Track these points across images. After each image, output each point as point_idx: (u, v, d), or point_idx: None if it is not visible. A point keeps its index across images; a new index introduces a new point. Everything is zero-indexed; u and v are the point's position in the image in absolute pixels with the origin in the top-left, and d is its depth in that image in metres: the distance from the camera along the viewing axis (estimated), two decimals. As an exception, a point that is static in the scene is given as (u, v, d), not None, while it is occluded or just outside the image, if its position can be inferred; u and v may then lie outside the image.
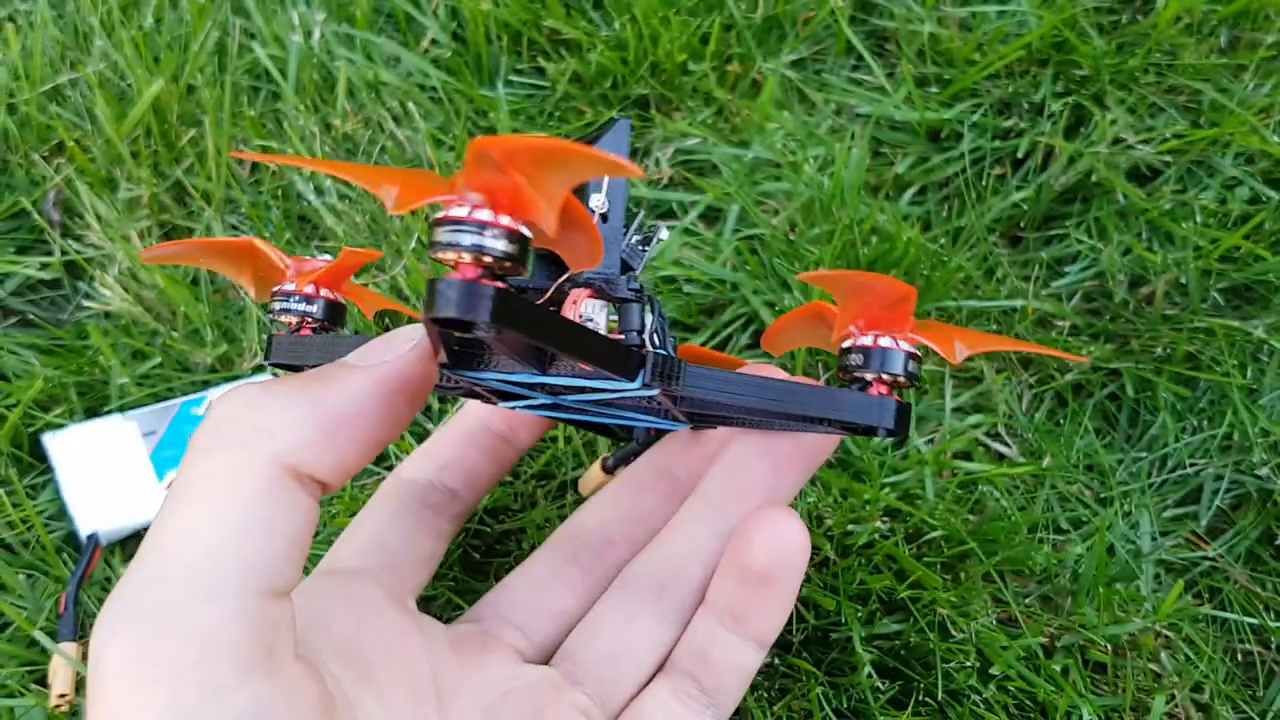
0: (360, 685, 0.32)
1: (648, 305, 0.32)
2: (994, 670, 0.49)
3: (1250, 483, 0.57)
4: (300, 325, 0.35)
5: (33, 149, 0.67)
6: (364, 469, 0.39)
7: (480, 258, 0.24)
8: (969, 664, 0.49)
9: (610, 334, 0.32)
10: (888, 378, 0.31)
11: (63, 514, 0.55)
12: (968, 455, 0.57)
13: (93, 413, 0.58)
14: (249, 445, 0.28)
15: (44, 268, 0.64)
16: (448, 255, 0.24)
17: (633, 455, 0.44)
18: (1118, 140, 0.66)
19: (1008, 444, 0.58)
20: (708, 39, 0.69)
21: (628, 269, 0.35)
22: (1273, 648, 0.54)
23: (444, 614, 0.49)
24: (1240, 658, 0.53)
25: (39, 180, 0.67)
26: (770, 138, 0.66)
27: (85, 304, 0.63)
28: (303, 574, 0.30)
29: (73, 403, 0.58)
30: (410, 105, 0.66)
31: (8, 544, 0.54)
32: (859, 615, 0.50)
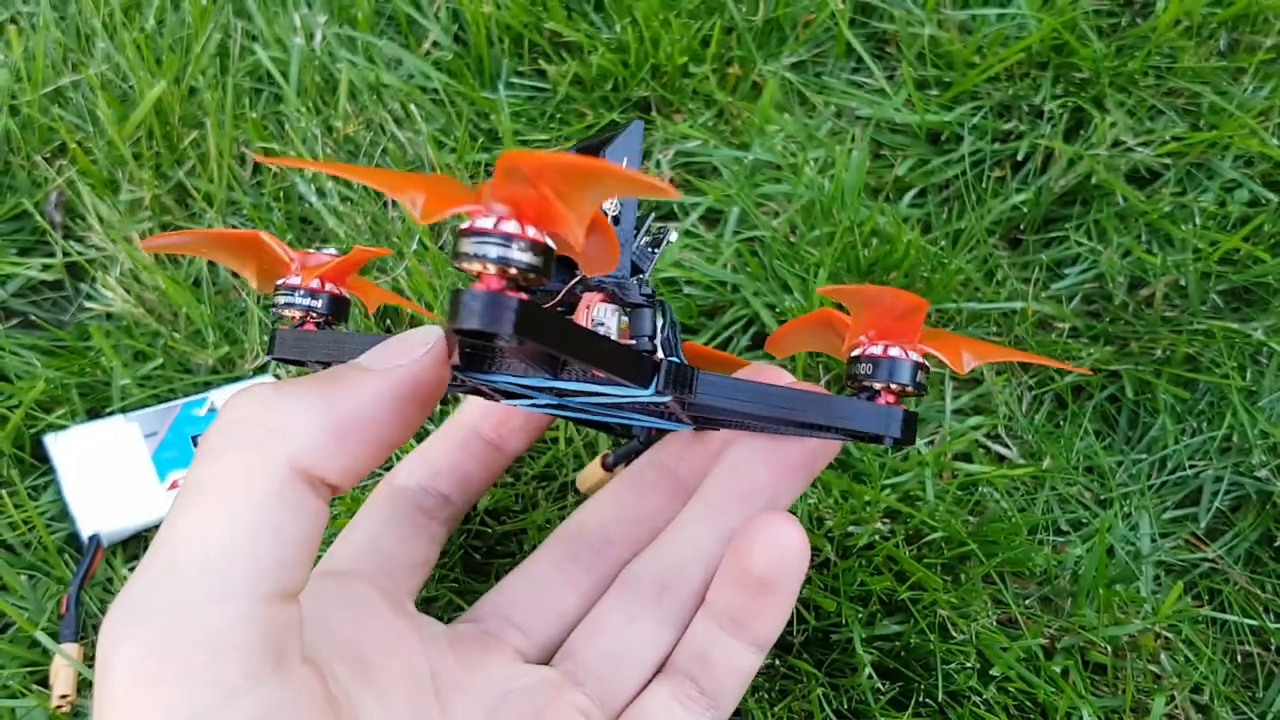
0: (360, 685, 0.32)
1: (658, 309, 0.33)
2: (994, 671, 0.49)
3: (1250, 484, 0.58)
4: (304, 320, 0.35)
5: (35, 150, 0.67)
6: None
7: (505, 269, 0.24)
8: (969, 665, 0.49)
9: (622, 337, 0.33)
10: (896, 387, 0.31)
11: (64, 515, 0.55)
12: (968, 457, 0.57)
13: (94, 414, 0.58)
14: (262, 446, 0.27)
15: (46, 269, 0.65)
16: (473, 266, 0.24)
17: (633, 454, 0.44)
18: (1117, 143, 0.67)
19: (1008, 446, 0.59)
20: (708, 41, 0.69)
21: (637, 271, 0.35)
22: (1272, 649, 0.54)
23: (445, 615, 0.49)
24: (1240, 659, 0.54)
25: (41, 182, 0.67)
26: (771, 140, 0.66)
27: (87, 305, 0.63)
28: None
29: (74, 404, 0.58)
30: (412, 107, 0.66)
31: (9, 545, 0.54)
32: (859, 616, 0.50)
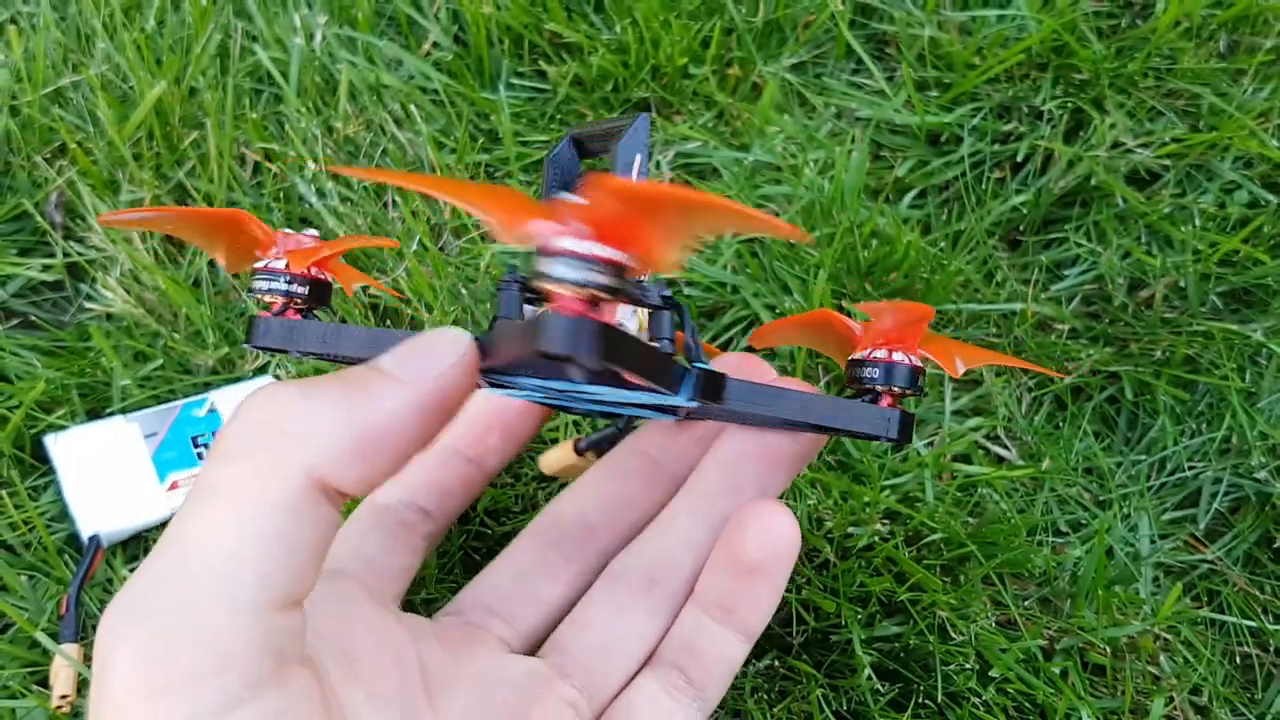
0: (349, 680, 0.32)
1: (675, 311, 0.32)
2: (993, 672, 0.49)
3: (1249, 486, 0.58)
4: (286, 307, 0.33)
5: (35, 151, 0.67)
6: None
7: (588, 291, 0.23)
8: (968, 666, 0.49)
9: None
10: (896, 390, 0.33)
11: (64, 515, 0.55)
12: (967, 458, 0.57)
13: (94, 414, 0.59)
14: (279, 451, 0.27)
15: (46, 269, 0.65)
16: (556, 287, 0.23)
17: (609, 440, 0.43)
18: (1117, 144, 0.67)
19: (1007, 447, 0.59)
20: (708, 43, 0.69)
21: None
22: (1271, 650, 0.54)
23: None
24: (1239, 660, 0.54)
25: (41, 182, 0.67)
26: (770, 141, 0.66)
27: (87, 306, 0.63)
28: None
29: (74, 404, 0.58)
30: (412, 108, 0.67)
31: (9, 545, 0.54)
32: (859, 618, 0.50)
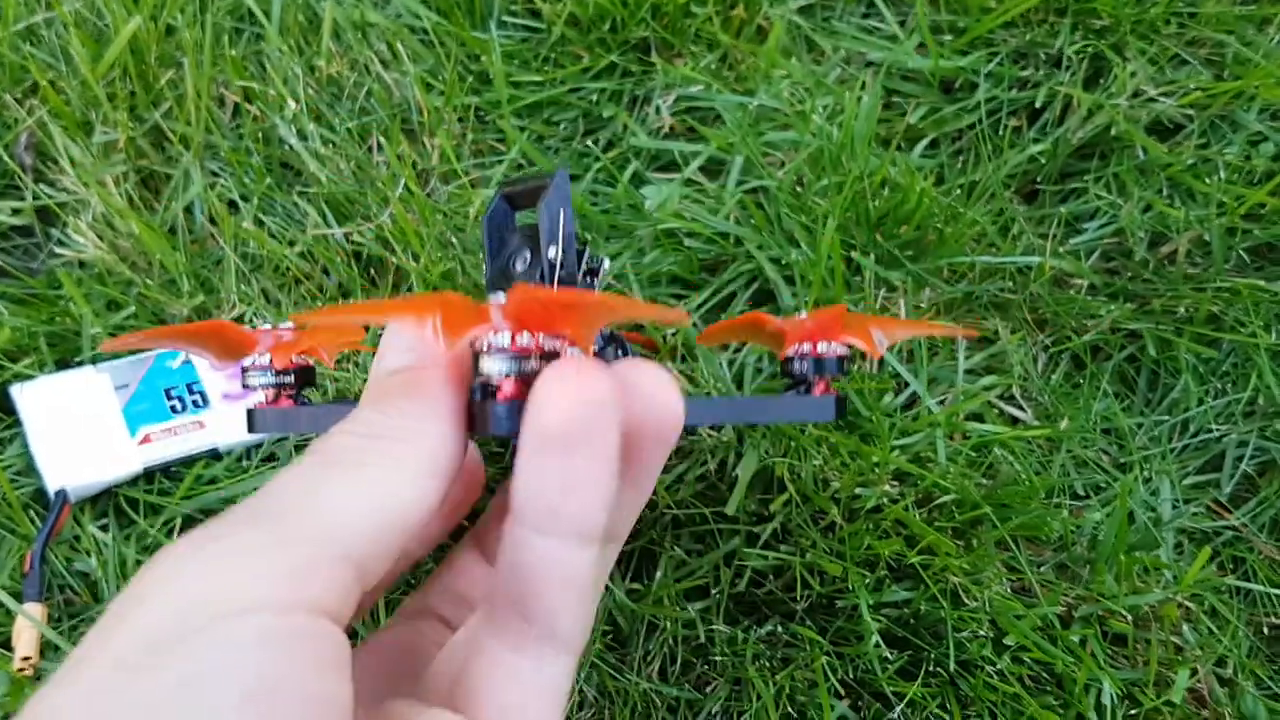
0: None
1: (617, 346, 0.36)
2: (1008, 640, 0.47)
3: (1275, 449, 0.55)
4: (278, 396, 0.37)
5: (5, 90, 0.64)
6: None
7: (524, 378, 0.27)
8: (982, 634, 0.47)
9: None
10: (828, 377, 0.36)
11: (30, 469, 0.52)
12: (980, 418, 0.55)
13: (64, 364, 0.56)
14: None
15: (15, 213, 0.61)
16: (494, 380, 0.28)
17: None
18: (1138, 93, 0.64)
19: (1022, 407, 0.56)
20: (712, -17, 0.66)
21: None
22: (1298, 620, 0.51)
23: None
24: (1266, 631, 0.51)
25: (11, 123, 0.63)
26: (776, 86, 0.63)
27: (58, 251, 0.60)
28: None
29: (43, 353, 0.55)
30: (399, 47, 0.63)
31: (-28, 500, 0.51)
32: (866, 582, 0.48)
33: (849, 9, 0.68)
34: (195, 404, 0.54)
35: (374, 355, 0.44)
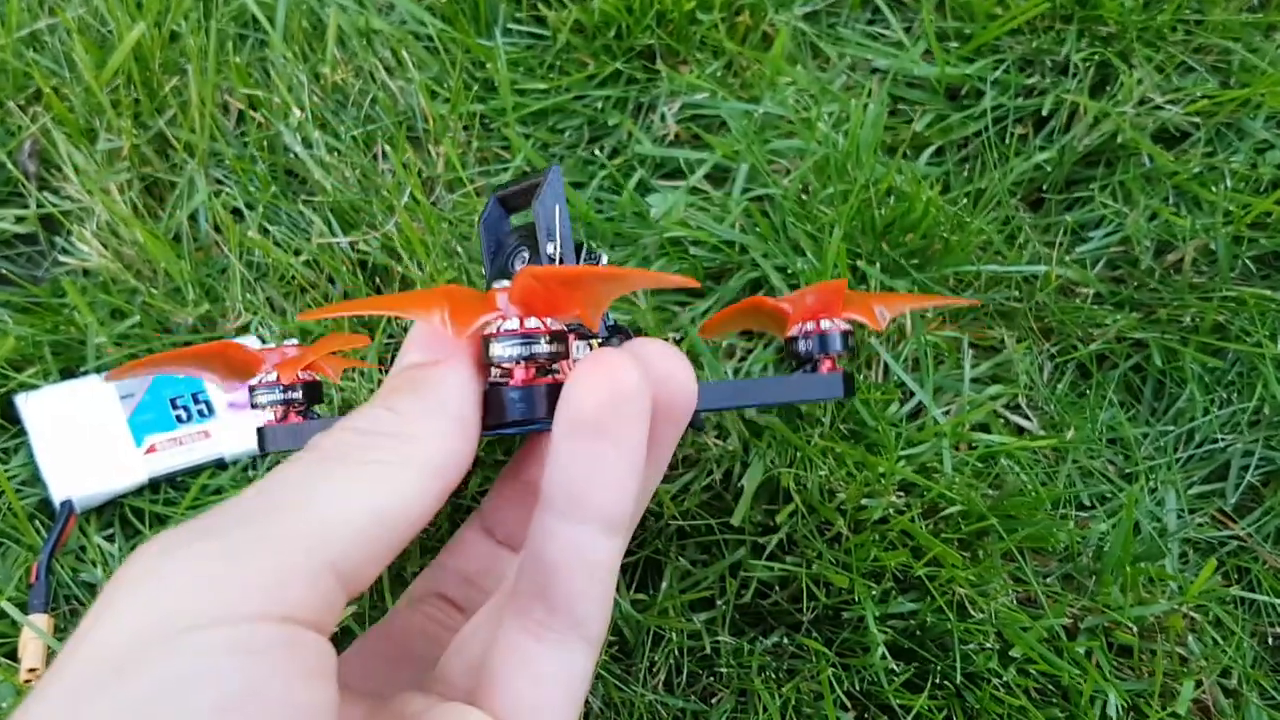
0: None
1: (623, 337, 0.37)
2: (1014, 652, 0.47)
3: (1280, 459, 0.55)
4: (287, 412, 0.37)
5: (9, 97, 0.64)
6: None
7: (534, 361, 0.28)
8: (988, 645, 0.47)
9: None
10: (833, 354, 0.36)
11: (36, 479, 0.52)
12: (986, 427, 0.55)
13: (68, 373, 0.56)
14: None
15: (19, 221, 0.61)
16: (505, 365, 0.28)
17: None
18: (1144, 100, 0.63)
19: (1028, 416, 0.56)
20: (717, -11, 0.66)
21: None
22: (1303, 631, 0.51)
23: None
24: (1270, 641, 0.51)
25: (15, 130, 0.63)
26: (782, 93, 0.63)
27: (62, 260, 0.60)
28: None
29: (47, 363, 0.55)
30: (404, 54, 0.63)
31: (-23, 510, 0.51)
32: (872, 593, 0.48)
33: (854, 15, 0.68)
34: (201, 413, 0.54)
35: (379, 370, 0.44)
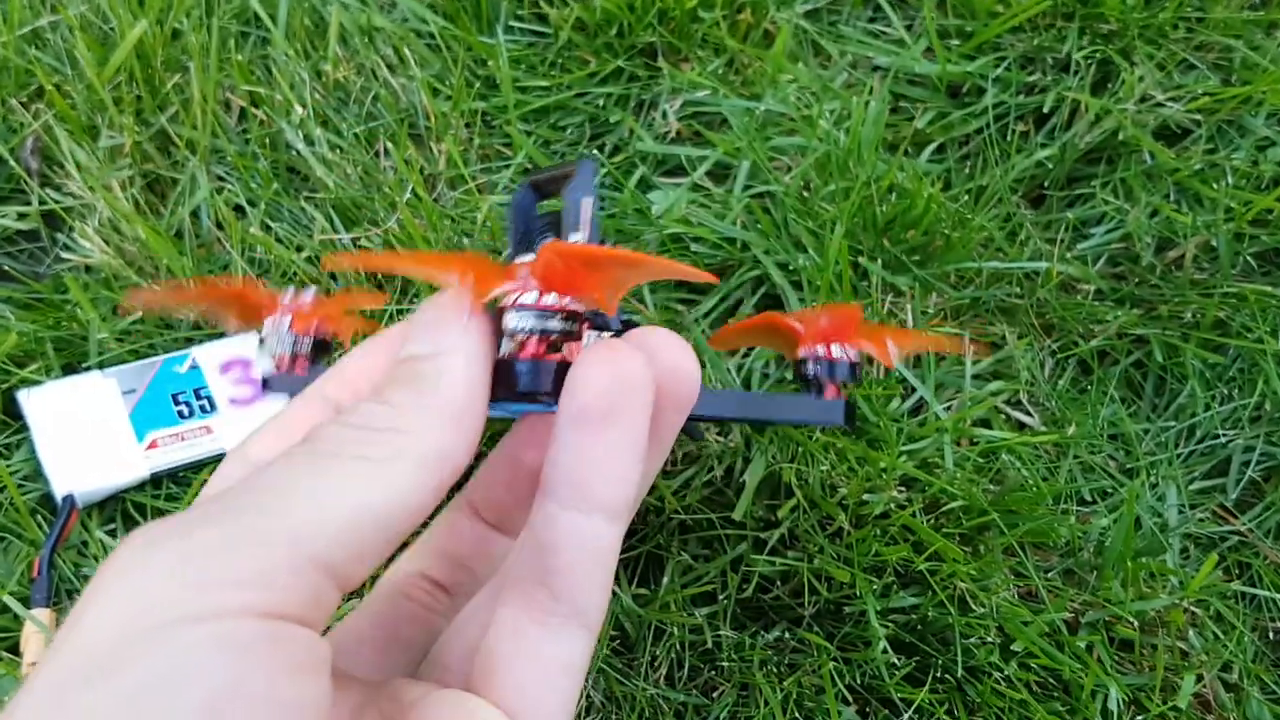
0: None
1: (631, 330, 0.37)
2: (1015, 646, 0.47)
3: (1282, 455, 0.55)
4: (294, 362, 0.36)
5: (11, 94, 0.64)
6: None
7: (546, 337, 0.28)
8: (989, 640, 0.47)
9: None
10: (839, 382, 0.35)
11: (38, 474, 0.52)
12: (987, 423, 0.55)
13: (70, 369, 0.56)
14: None
15: (21, 218, 0.62)
16: (518, 336, 0.28)
17: None
18: (1145, 98, 0.64)
19: (1029, 412, 0.56)
20: (718, -13, 0.66)
21: None
22: (1305, 626, 0.51)
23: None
24: (1271, 636, 0.51)
25: (17, 127, 0.63)
26: (783, 90, 0.63)
27: (64, 256, 0.60)
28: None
29: (50, 359, 0.55)
30: (406, 52, 0.63)
31: (-20, 505, 0.51)
32: (874, 588, 0.48)
33: (856, 13, 0.68)
34: (203, 409, 0.54)
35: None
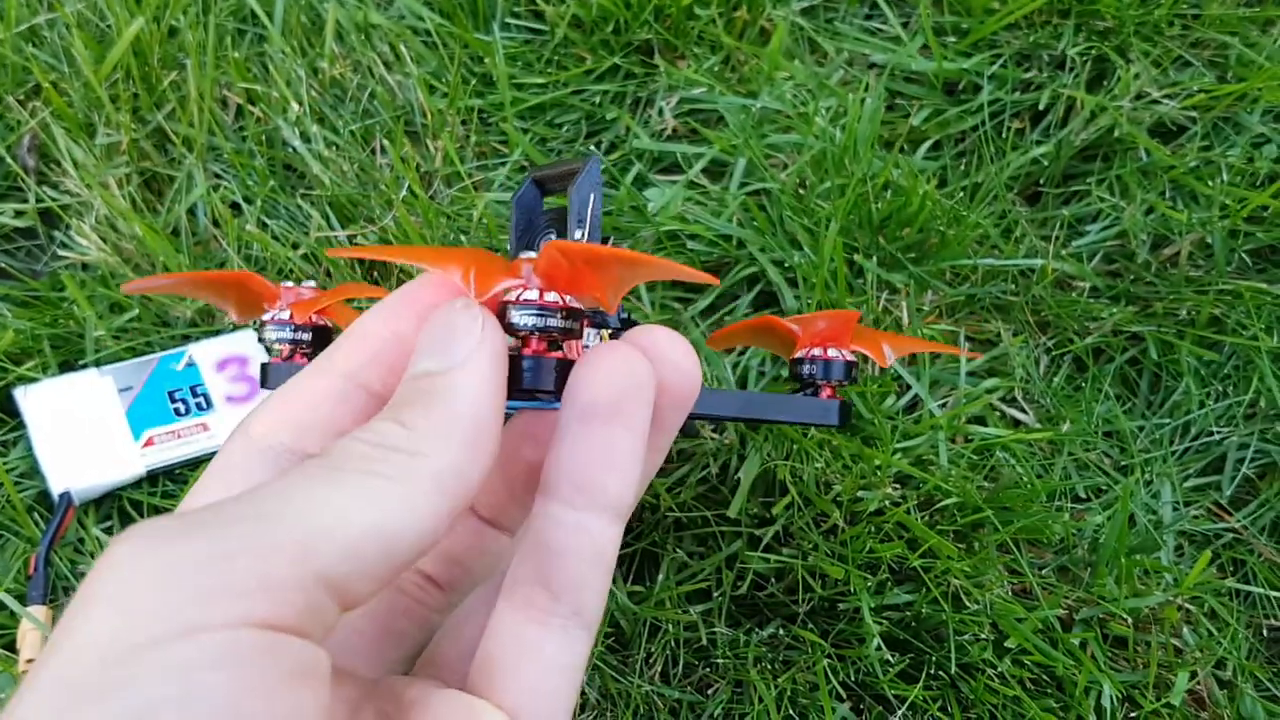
0: None
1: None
2: (1009, 643, 0.47)
3: (1276, 452, 0.55)
4: (294, 353, 0.37)
5: (8, 92, 0.64)
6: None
7: (547, 334, 0.28)
8: (983, 637, 0.47)
9: None
10: (834, 382, 0.37)
11: (34, 471, 0.52)
12: (982, 420, 0.55)
13: (67, 367, 0.56)
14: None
15: (18, 215, 0.62)
16: (521, 333, 0.28)
17: None
18: (1141, 95, 0.64)
19: (1024, 409, 0.56)
20: (715, -16, 0.66)
21: None
22: (1298, 623, 0.51)
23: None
24: (1265, 633, 0.51)
25: (14, 125, 0.64)
26: (779, 88, 0.63)
27: (61, 254, 0.60)
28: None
29: (46, 356, 0.55)
30: (402, 49, 0.63)
31: (-24, 502, 0.51)
32: (868, 585, 0.48)
33: (852, 10, 0.68)
34: (199, 406, 0.54)
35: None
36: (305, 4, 0.66)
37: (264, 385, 0.37)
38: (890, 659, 0.47)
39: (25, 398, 0.53)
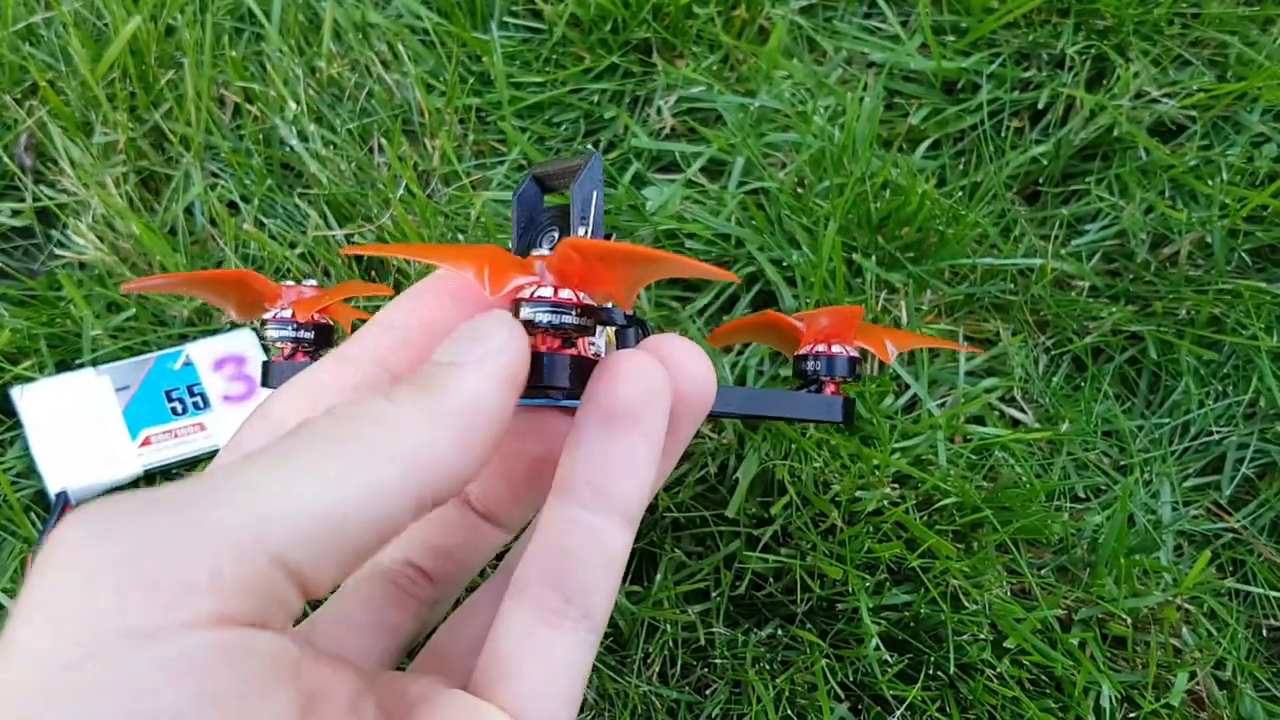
0: None
1: (639, 328, 0.37)
2: (1008, 644, 0.47)
3: (1275, 452, 0.55)
4: (295, 351, 0.37)
5: (5, 91, 0.64)
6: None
7: (561, 332, 0.28)
8: (982, 637, 0.47)
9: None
10: (838, 379, 0.37)
11: (31, 471, 0.52)
12: (981, 420, 0.55)
13: (64, 366, 0.56)
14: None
15: (15, 215, 0.61)
16: (534, 329, 0.28)
17: None
18: (1140, 94, 0.63)
19: (1023, 409, 0.56)
20: (713, -17, 0.66)
21: None
22: (1298, 623, 0.51)
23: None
24: (1264, 633, 0.51)
25: (10, 123, 0.63)
26: (778, 87, 0.63)
27: (58, 253, 0.60)
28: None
29: (43, 356, 0.55)
30: (400, 48, 0.63)
31: (-27, 502, 0.51)
32: (866, 585, 0.48)
33: (851, 9, 0.68)
34: (196, 406, 0.54)
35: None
36: (303, 3, 0.65)
37: (265, 384, 0.37)
38: (889, 659, 0.47)
39: (22, 397, 0.53)
